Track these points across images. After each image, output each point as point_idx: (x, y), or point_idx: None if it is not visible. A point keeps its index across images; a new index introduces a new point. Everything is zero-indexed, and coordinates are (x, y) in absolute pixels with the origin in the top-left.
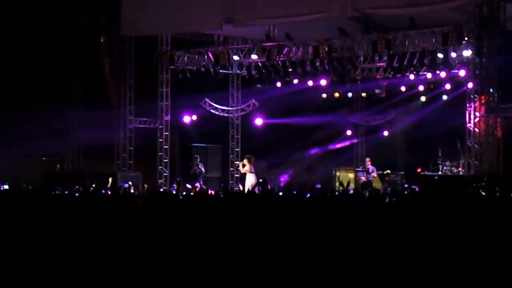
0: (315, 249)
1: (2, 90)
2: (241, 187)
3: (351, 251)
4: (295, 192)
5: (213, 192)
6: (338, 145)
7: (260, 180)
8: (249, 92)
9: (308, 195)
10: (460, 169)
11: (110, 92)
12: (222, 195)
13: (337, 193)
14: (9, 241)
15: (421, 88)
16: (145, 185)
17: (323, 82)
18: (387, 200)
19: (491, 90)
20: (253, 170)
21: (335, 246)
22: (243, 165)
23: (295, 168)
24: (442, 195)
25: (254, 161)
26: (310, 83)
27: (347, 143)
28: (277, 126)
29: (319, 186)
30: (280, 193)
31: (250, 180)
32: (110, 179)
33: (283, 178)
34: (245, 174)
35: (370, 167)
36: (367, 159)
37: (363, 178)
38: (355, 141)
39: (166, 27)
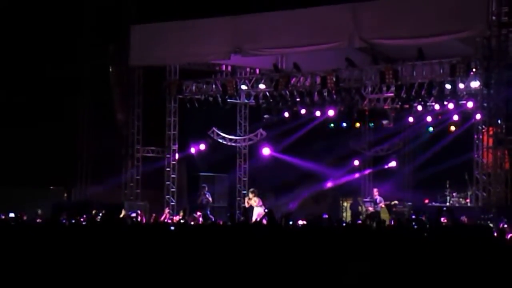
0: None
1: (11, 121)
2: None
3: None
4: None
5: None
6: (331, 183)
7: (266, 211)
8: (256, 122)
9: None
10: (467, 200)
11: (119, 121)
12: (228, 225)
13: (344, 224)
14: (14, 271)
15: (429, 119)
16: (153, 215)
17: (330, 112)
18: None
19: (499, 121)
20: (260, 204)
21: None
22: (249, 199)
23: (301, 198)
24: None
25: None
26: (317, 113)
27: (354, 176)
28: (284, 155)
29: (326, 216)
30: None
31: (257, 212)
32: (123, 211)
33: (292, 206)
34: (251, 207)
35: (378, 198)
36: (375, 189)
37: (371, 209)
38: (357, 175)
39: (174, 57)
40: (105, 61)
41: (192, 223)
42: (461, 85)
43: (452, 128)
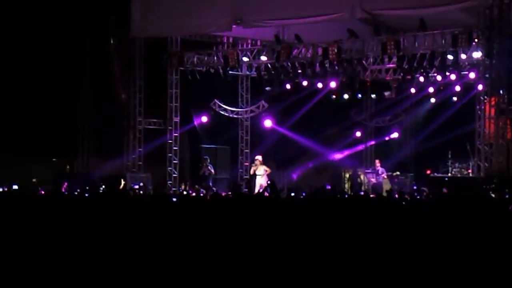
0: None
1: (12, 92)
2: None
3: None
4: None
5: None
6: (340, 155)
7: (269, 182)
8: (258, 93)
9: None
10: (469, 171)
11: (120, 93)
12: (229, 196)
13: (346, 195)
14: (16, 242)
15: (430, 90)
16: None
17: (332, 84)
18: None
19: (501, 92)
20: (266, 172)
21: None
22: (255, 165)
23: (303, 169)
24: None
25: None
26: (319, 85)
27: (353, 149)
28: (285, 128)
29: (329, 187)
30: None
31: (259, 182)
32: (122, 181)
33: (294, 176)
34: (254, 176)
35: (380, 169)
36: (377, 160)
37: (373, 180)
38: (359, 148)
39: (175, 29)
40: (106, 33)
41: (194, 194)
42: (463, 56)
43: (454, 98)
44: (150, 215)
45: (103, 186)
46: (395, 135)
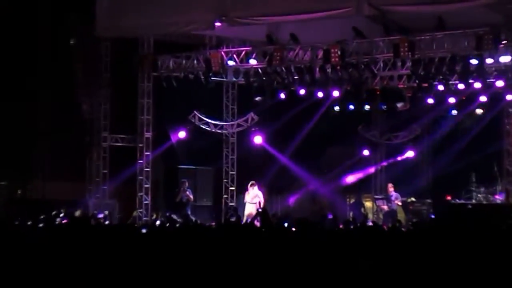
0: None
1: None
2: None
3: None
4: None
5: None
6: (353, 177)
7: (260, 210)
8: (246, 104)
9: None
10: (497, 196)
11: (82, 104)
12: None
13: (352, 226)
14: None
15: (451, 100)
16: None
17: (335, 93)
18: None
19: None
20: (256, 200)
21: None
22: (247, 193)
23: (300, 194)
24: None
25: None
26: (320, 94)
27: (365, 172)
28: (279, 146)
29: (331, 216)
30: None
31: (249, 211)
32: (134, 213)
33: (291, 202)
34: (243, 203)
35: (393, 194)
36: (389, 185)
37: (385, 208)
38: (372, 170)
39: (148, 27)
40: (66, 33)
41: (168, 225)
42: (489, 60)
43: (479, 111)
44: (115, 248)
45: (61, 215)
46: (410, 154)
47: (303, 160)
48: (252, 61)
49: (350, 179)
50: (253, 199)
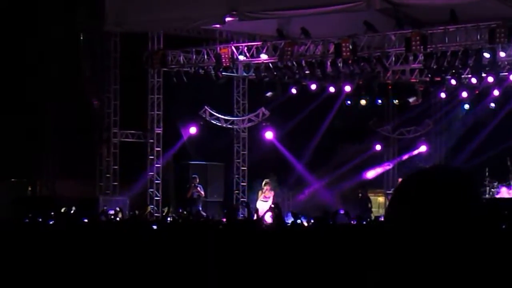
0: None
1: None
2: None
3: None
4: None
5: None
6: (374, 172)
7: (272, 206)
8: (257, 99)
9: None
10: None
11: (91, 101)
12: (223, 222)
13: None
14: None
15: (464, 95)
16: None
17: (347, 88)
18: None
19: None
20: (271, 198)
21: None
22: (265, 191)
23: (311, 189)
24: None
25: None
26: (331, 89)
27: (384, 167)
28: (290, 141)
29: (342, 211)
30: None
31: (261, 208)
32: (148, 208)
33: (302, 197)
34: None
35: None
36: (400, 179)
37: None
38: (388, 166)
39: (157, 22)
40: (74, 28)
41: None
42: (502, 54)
43: (492, 105)
44: (126, 245)
45: (71, 212)
46: (422, 149)
47: (314, 155)
48: (263, 56)
49: (372, 174)
50: (266, 197)
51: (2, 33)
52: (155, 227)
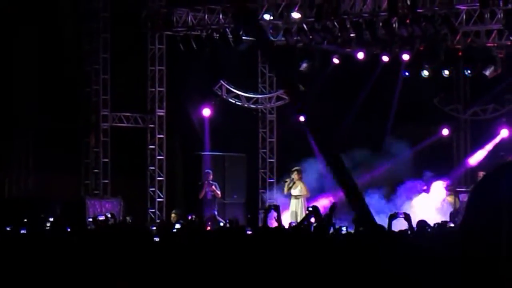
0: None
1: None
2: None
3: None
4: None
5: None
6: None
7: (310, 209)
8: (289, 71)
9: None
10: None
11: (74, 74)
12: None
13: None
14: None
15: None
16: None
17: (405, 56)
18: None
19: None
20: (301, 193)
21: None
22: (291, 183)
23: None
24: None
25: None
26: (384, 58)
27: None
28: (330, 124)
29: (402, 215)
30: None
31: (294, 208)
32: (173, 214)
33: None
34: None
35: None
36: (481, 173)
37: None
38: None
39: None
40: None
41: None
42: None
43: None
44: (117, 260)
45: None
46: (504, 133)
47: (363, 141)
48: (295, 15)
49: (476, 159)
50: (298, 192)
51: None
52: (157, 239)
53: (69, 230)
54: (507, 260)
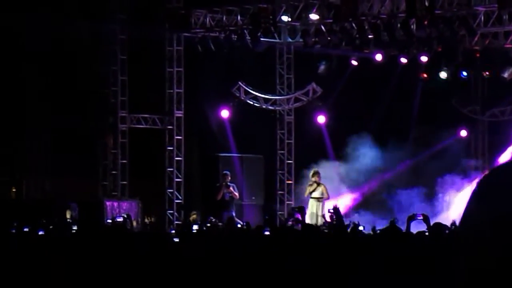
0: None
1: None
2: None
3: None
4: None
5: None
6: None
7: (331, 210)
8: (306, 72)
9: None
10: None
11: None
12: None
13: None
14: None
15: None
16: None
17: (423, 58)
18: None
19: None
20: (325, 195)
21: None
22: (314, 185)
23: (371, 185)
24: None
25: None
26: (402, 59)
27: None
28: (348, 127)
29: (420, 217)
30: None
31: (313, 209)
32: (193, 215)
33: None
34: (308, 199)
35: None
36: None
37: None
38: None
39: None
40: None
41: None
42: None
43: None
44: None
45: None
46: None
47: (381, 142)
48: (313, 16)
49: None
50: (319, 194)
51: None
52: (176, 239)
53: (86, 231)
54: None
